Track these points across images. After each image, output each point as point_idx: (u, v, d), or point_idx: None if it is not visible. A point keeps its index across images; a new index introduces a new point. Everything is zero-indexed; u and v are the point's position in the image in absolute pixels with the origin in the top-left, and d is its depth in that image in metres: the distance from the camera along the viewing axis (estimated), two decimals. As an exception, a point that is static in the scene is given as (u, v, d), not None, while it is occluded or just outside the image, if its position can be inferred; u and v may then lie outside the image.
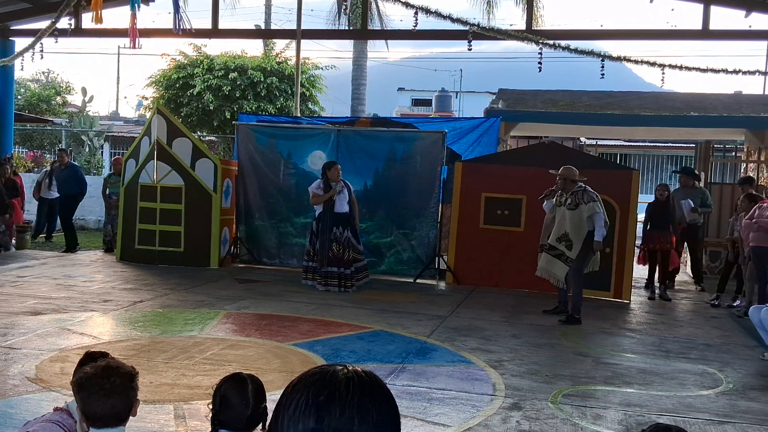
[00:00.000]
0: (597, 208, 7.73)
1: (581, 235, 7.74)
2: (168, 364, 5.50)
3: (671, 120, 12.53)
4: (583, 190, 7.84)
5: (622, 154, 25.05)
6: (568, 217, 7.78)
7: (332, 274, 9.19)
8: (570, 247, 7.77)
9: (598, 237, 7.74)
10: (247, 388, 2.43)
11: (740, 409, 5.04)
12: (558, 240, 7.86)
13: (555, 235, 7.89)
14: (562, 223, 7.83)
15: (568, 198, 7.85)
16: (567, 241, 7.79)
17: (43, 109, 25.05)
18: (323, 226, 9.21)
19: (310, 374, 1.12)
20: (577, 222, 7.74)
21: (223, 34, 12.89)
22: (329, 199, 9.14)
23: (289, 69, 19.29)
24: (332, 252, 9.16)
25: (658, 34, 12.35)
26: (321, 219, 9.26)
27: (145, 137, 11.03)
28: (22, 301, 7.69)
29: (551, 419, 4.62)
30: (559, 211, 7.92)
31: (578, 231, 7.74)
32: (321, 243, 9.22)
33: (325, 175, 9.19)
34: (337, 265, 9.18)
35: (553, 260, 7.92)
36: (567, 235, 7.78)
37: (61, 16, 10.77)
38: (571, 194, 7.84)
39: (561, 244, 7.84)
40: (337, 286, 9.14)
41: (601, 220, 7.76)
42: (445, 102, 41.80)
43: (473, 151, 11.05)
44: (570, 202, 7.81)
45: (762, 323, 6.45)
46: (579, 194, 7.81)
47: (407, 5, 10.48)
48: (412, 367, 5.76)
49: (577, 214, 7.74)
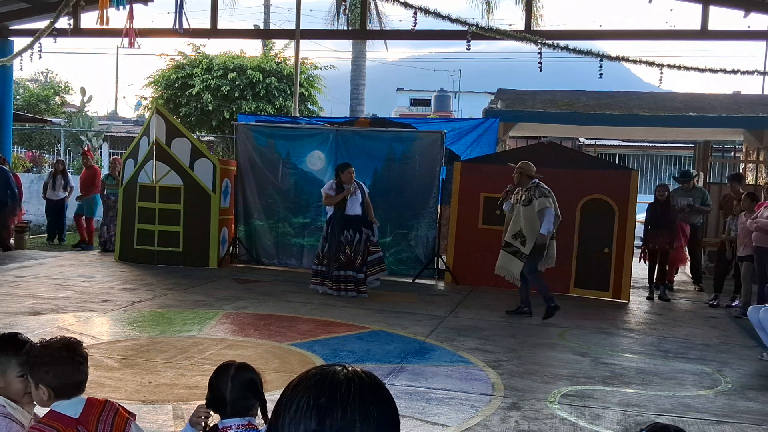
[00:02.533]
0: (548, 204, 7.84)
1: (534, 230, 7.83)
2: (167, 364, 5.50)
3: (670, 120, 12.53)
4: (536, 186, 7.97)
5: (620, 154, 25.06)
6: (522, 213, 7.93)
7: (347, 279, 8.77)
8: (524, 243, 7.91)
9: (543, 230, 7.78)
10: (229, 371, 2.52)
11: (739, 409, 5.05)
12: (513, 237, 8.00)
13: (510, 232, 8.04)
14: (517, 219, 7.98)
15: (522, 194, 8.00)
16: (521, 238, 7.93)
17: (41, 109, 25.04)
18: (333, 229, 8.81)
19: (310, 375, 1.12)
20: (531, 218, 7.86)
21: (222, 34, 12.89)
22: (341, 201, 8.74)
23: (288, 69, 19.30)
24: (345, 256, 8.75)
25: (656, 34, 12.36)
26: (331, 221, 8.88)
27: (143, 137, 11.03)
28: (20, 301, 7.68)
29: (550, 419, 4.63)
30: (516, 208, 8.05)
31: (532, 227, 7.85)
32: (330, 246, 8.82)
33: (338, 177, 8.81)
34: (350, 269, 8.75)
35: (509, 257, 8.05)
36: (521, 231, 7.92)
37: (60, 15, 10.77)
38: (526, 190, 7.98)
39: (516, 241, 7.98)
40: (354, 291, 8.75)
41: (551, 215, 7.84)
42: (443, 102, 41.85)
43: (472, 151, 11.06)
44: (524, 199, 7.96)
45: (761, 323, 6.45)
46: (532, 190, 7.94)
47: (406, 5, 10.48)
48: (411, 367, 5.76)
49: (530, 210, 7.87)
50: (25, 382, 2.41)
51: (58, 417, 2.31)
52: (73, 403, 2.35)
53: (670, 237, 9.73)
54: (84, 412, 2.34)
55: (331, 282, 8.82)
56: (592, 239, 9.48)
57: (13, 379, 2.43)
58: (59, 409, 2.33)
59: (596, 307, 8.94)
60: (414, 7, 10.47)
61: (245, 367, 2.57)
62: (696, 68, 10.93)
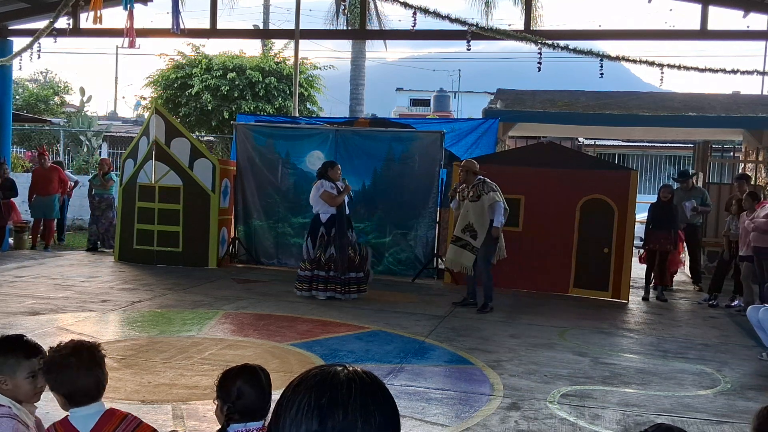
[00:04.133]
0: (497, 197, 8.24)
1: (484, 224, 8.25)
2: (166, 364, 5.49)
3: (669, 120, 12.53)
4: (483, 182, 8.36)
5: (620, 154, 25.05)
6: (471, 208, 8.30)
7: (350, 281, 8.56)
8: (474, 237, 8.31)
9: (497, 223, 8.21)
10: (259, 377, 2.50)
11: (738, 409, 5.05)
12: (463, 231, 8.38)
13: (459, 226, 8.43)
14: (466, 215, 8.36)
15: (470, 191, 8.35)
16: (471, 231, 8.32)
17: (41, 109, 25.03)
18: (339, 231, 8.47)
19: (310, 375, 1.11)
20: (480, 212, 8.25)
21: (222, 34, 12.88)
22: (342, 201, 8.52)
23: (288, 69, 19.30)
24: (350, 258, 8.55)
25: (656, 35, 12.35)
26: (335, 223, 8.48)
27: (143, 137, 11.03)
28: (20, 302, 7.68)
29: (549, 419, 4.63)
30: (464, 204, 8.40)
31: (481, 221, 8.25)
32: (340, 249, 8.46)
33: (327, 175, 8.57)
34: (352, 270, 8.59)
35: (460, 251, 8.42)
36: (471, 225, 8.31)
37: (60, 15, 10.75)
38: (473, 187, 8.35)
39: (466, 235, 8.36)
40: (356, 291, 8.61)
41: (501, 208, 8.24)
42: (443, 102, 41.84)
43: (472, 153, 11.02)
44: (472, 195, 8.32)
45: (760, 323, 6.46)
46: (480, 186, 8.32)
47: (405, 5, 10.46)
48: (411, 367, 5.76)
49: (479, 205, 8.26)
50: (34, 383, 2.40)
51: (67, 428, 2.27)
52: (87, 415, 2.27)
53: (671, 238, 9.73)
54: (96, 426, 2.27)
55: (341, 286, 8.52)
56: (592, 239, 9.48)
57: (22, 381, 2.40)
58: (72, 419, 2.28)
59: (595, 307, 8.94)
60: (413, 7, 10.45)
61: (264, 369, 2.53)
62: (696, 68, 10.92)
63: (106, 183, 12.48)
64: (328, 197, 8.45)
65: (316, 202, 8.56)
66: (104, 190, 12.46)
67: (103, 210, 12.40)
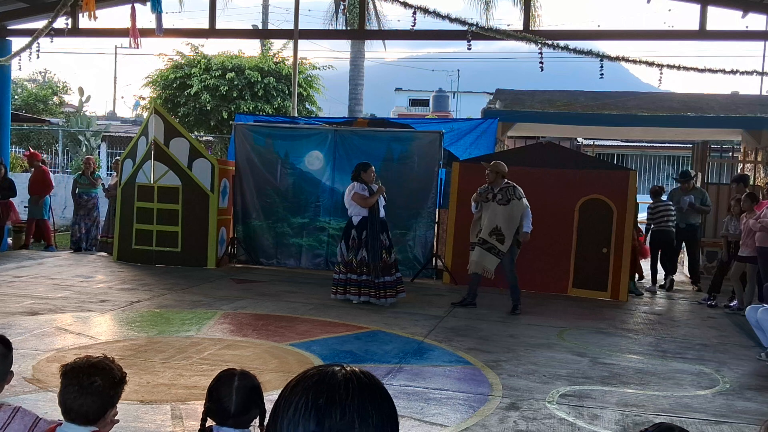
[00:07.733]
0: (527, 204, 8.25)
1: (512, 229, 8.21)
2: (165, 364, 5.49)
3: (668, 120, 12.53)
4: (513, 186, 8.29)
5: (619, 155, 25.07)
6: (500, 212, 8.21)
7: (386, 285, 8.29)
8: (502, 241, 8.24)
9: (526, 229, 8.20)
10: (233, 382, 2.42)
11: (737, 409, 5.05)
12: (490, 234, 8.27)
13: (487, 229, 8.30)
14: (493, 218, 8.24)
15: (498, 194, 8.26)
16: (498, 235, 8.24)
17: (40, 109, 25.03)
18: (372, 233, 8.21)
19: (308, 376, 1.11)
20: (509, 217, 8.19)
21: (221, 34, 12.87)
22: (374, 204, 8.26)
23: (287, 69, 19.30)
24: (382, 261, 8.29)
25: (655, 35, 12.35)
26: (368, 226, 8.23)
27: (142, 137, 11.02)
28: (18, 302, 7.67)
29: (548, 419, 4.63)
30: (489, 206, 8.30)
31: (510, 225, 8.20)
32: (373, 252, 8.20)
33: (360, 177, 8.28)
34: (387, 274, 8.31)
35: (485, 253, 8.32)
36: (498, 228, 8.23)
37: (58, 15, 10.73)
38: (500, 190, 8.27)
39: (492, 238, 8.27)
40: (394, 296, 8.36)
41: (530, 216, 8.25)
42: (442, 102, 41.85)
43: (471, 153, 11.05)
44: (501, 198, 8.24)
45: (759, 323, 6.46)
46: (510, 190, 8.26)
47: (405, 5, 10.45)
48: (410, 368, 5.76)
49: (508, 210, 8.19)
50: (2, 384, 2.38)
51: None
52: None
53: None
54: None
55: (375, 291, 8.29)
56: (591, 239, 9.49)
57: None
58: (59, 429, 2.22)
59: (594, 307, 8.94)
60: (413, 7, 10.44)
61: (248, 377, 2.46)
62: (695, 68, 10.92)
63: (95, 181, 12.43)
64: (359, 199, 8.23)
65: (349, 204, 8.37)
66: (93, 188, 12.41)
67: (89, 210, 12.33)
